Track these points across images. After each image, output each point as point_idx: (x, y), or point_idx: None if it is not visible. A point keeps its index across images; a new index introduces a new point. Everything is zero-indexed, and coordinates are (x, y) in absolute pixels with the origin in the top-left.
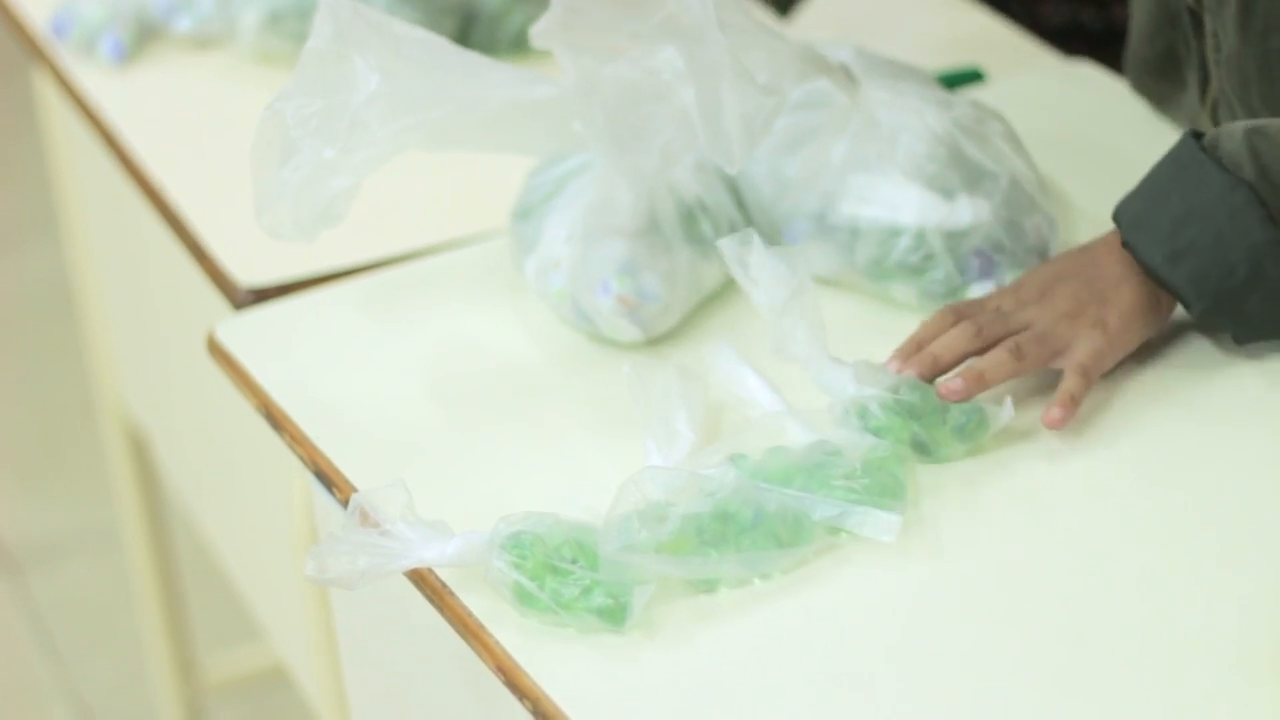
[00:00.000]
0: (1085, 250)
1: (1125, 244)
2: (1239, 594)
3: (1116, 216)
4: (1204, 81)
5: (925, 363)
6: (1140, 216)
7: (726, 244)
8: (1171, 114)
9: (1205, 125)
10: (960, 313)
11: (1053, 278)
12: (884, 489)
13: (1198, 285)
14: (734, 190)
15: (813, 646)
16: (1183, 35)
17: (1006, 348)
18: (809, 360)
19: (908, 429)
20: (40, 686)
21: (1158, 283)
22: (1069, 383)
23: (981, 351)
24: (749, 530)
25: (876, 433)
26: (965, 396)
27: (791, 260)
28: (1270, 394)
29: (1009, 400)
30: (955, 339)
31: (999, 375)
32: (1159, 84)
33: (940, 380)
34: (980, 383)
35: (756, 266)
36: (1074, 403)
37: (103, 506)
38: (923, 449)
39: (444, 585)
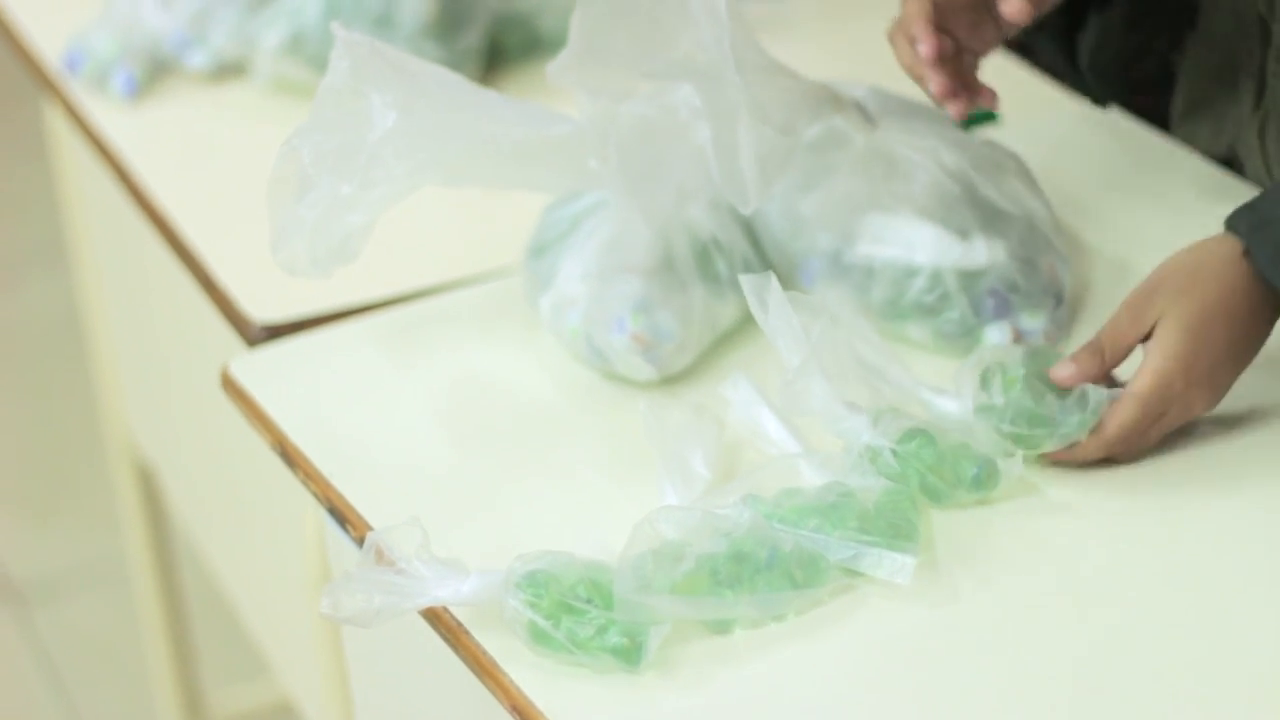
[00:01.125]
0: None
1: (1246, 252)
2: (1256, 640)
3: (1234, 225)
4: (1259, 93)
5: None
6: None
7: (747, 281)
8: (1202, 128)
9: (1249, 138)
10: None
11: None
12: (897, 531)
13: None
14: (749, 229)
15: (828, 688)
16: (1248, 44)
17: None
18: (821, 412)
19: (919, 476)
20: None
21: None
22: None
23: None
24: (764, 571)
25: (889, 479)
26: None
27: (812, 308)
28: None
29: (1020, 454)
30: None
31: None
32: (1208, 91)
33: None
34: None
35: (775, 313)
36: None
37: (110, 540)
38: (934, 495)
39: (459, 624)
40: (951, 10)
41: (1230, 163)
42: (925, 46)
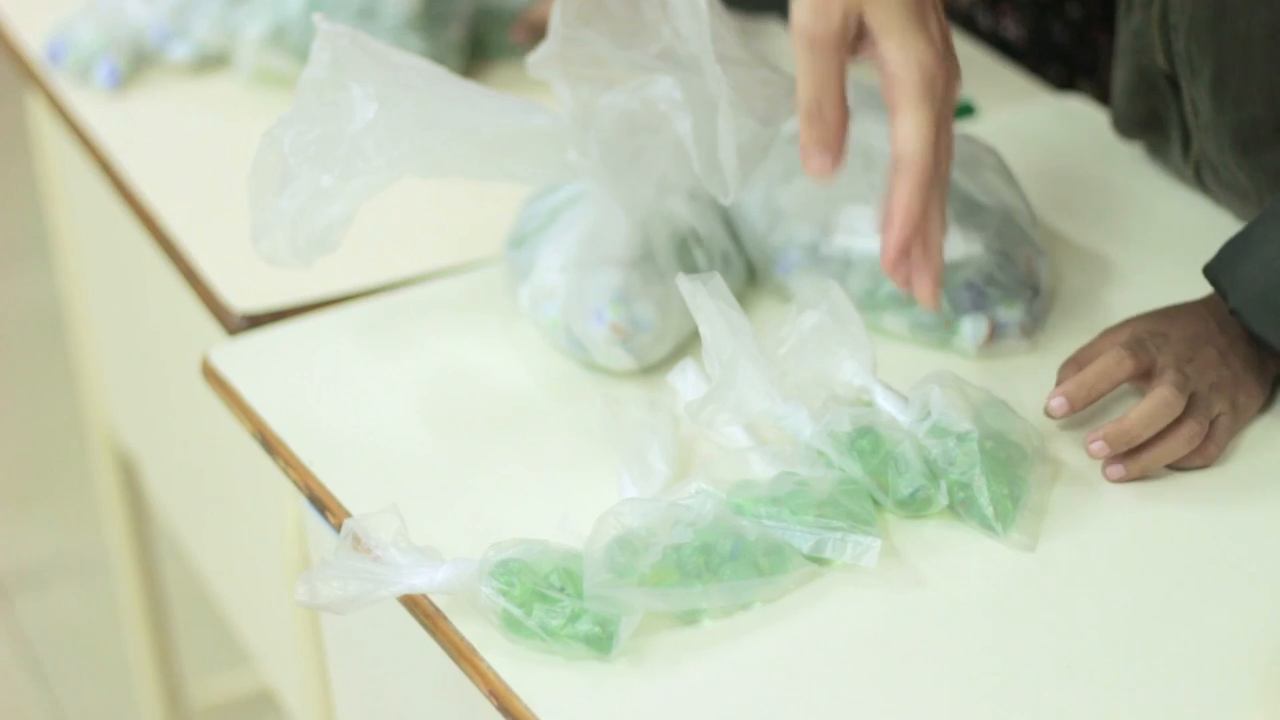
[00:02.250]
0: (1199, 313)
1: (1234, 312)
2: (1225, 622)
3: (1214, 278)
4: (1185, 140)
5: (1123, 442)
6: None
7: (684, 281)
8: (1162, 162)
9: (1187, 178)
10: (1141, 364)
11: (1194, 338)
12: (856, 517)
13: None
14: (727, 220)
15: (797, 675)
16: (1162, 98)
17: (1194, 433)
18: (760, 414)
19: (857, 476)
20: (27, 712)
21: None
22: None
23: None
24: (729, 561)
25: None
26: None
27: (735, 323)
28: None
29: (944, 485)
30: (1159, 416)
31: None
32: (1146, 136)
33: (1104, 467)
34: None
35: (704, 315)
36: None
37: (91, 531)
38: (871, 496)
39: (437, 610)
40: None
41: None
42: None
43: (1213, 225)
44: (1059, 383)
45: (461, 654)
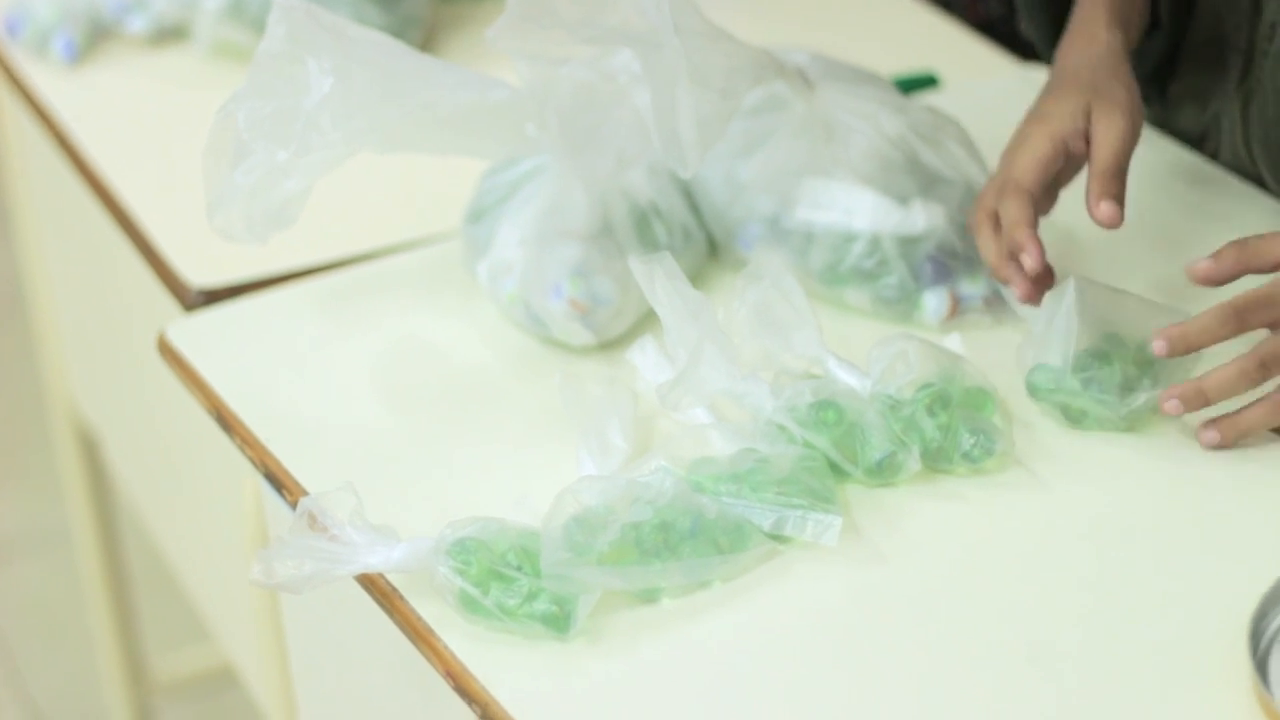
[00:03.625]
0: None
1: None
2: (1187, 599)
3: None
4: (1245, 69)
5: (1197, 403)
6: None
7: (636, 264)
8: (1184, 108)
9: (1232, 112)
10: (1245, 322)
11: None
12: (816, 494)
13: None
14: (688, 194)
15: (756, 653)
16: (1235, 19)
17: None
18: (720, 391)
19: (824, 449)
20: None
21: None
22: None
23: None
24: (688, 539)
25: (799, 446)
26: (1224, 446)
27: (694, 305)
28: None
29: (915, 449)
30: (1234, 385)
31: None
32: (1194, 68)
33: (1199, 429)
34: (1240, 433)
35: (662, 297)
36: (1240, 429)
37: (53, 507)
38: (835, 470)
39: (394, 589)
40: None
41: (1203, 140)
42: (1032, 260)
43: (1172, 196)
44: (1216, 258)
45: (418, 633)
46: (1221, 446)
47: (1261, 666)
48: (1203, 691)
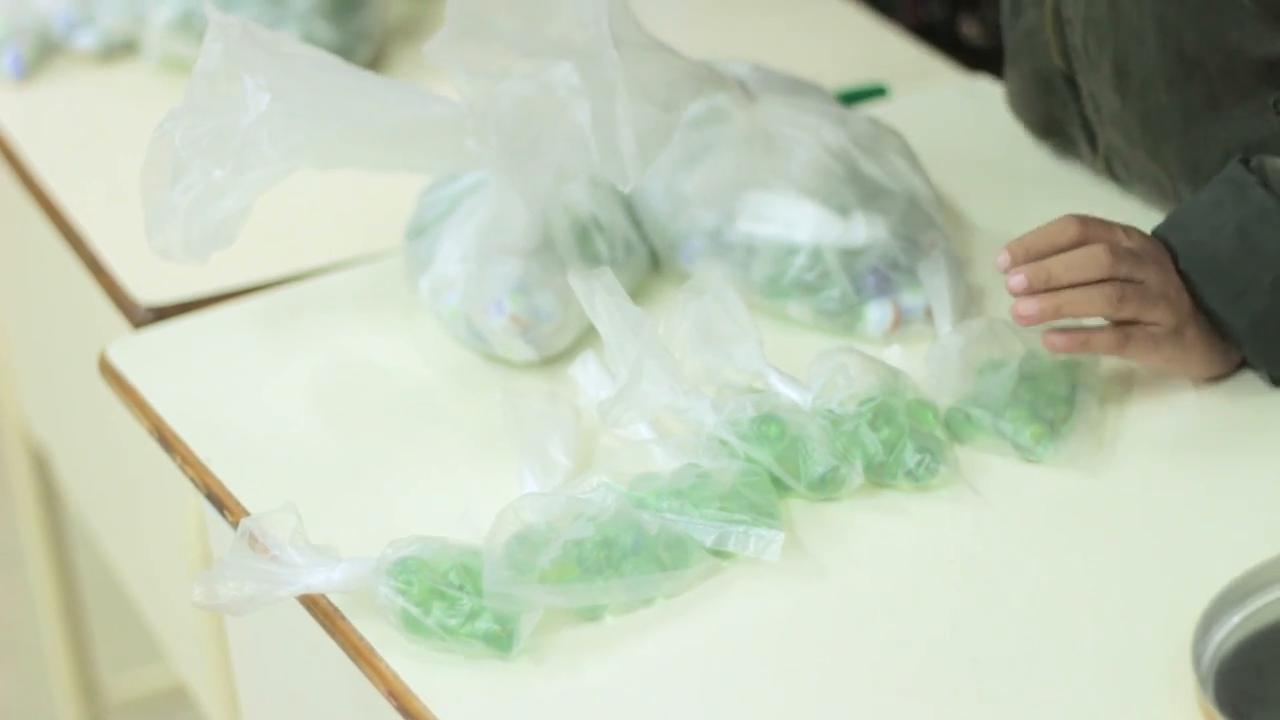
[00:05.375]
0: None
1: (1182, 274)
2: (1131, 613)
3: (1165, 238)
4: (1090, 138)
5: (1040, 277)
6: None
7: (576, 280)
8: (1073, 160)
9: (1100, 172)
10: (1089, 233)
11: (1160, 254)
12: (759, 509)
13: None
14: (629, 208)
15: (699, 670)
16: (1060, 99)
17: (1112, 294)
18: (663, 407)
19: (766, 463)
20: None
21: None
22: (1109, 334)
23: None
24: (631, 555)
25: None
26: (1066, 350)
27: (634, 320)
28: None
29: (859, 463)
30: (1083, 266)
31: (1091, 312)
32: (1049, 139)
33: (1045, 331)
34: (1085, 346)
35: (601, 319)
36: (1085, 338)
37: (5, 525)
38: (778, 485)
39: (335, 609)
40: None
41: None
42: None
43: (1120, 208)
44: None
45: (360, 654)
46: (1036, 318)
47: (1206, 681)
48: (1147, 706)
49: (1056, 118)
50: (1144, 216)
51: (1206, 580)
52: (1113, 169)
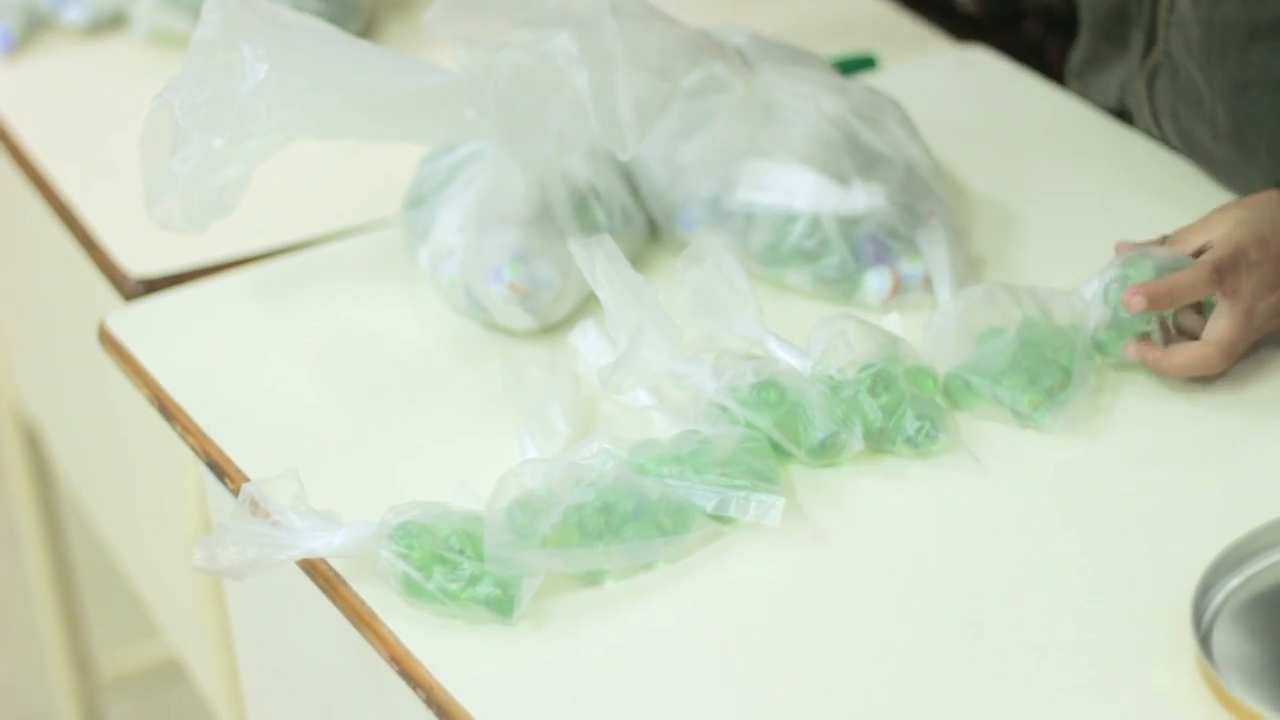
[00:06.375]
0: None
1: None
2: (1129, 576)
3: None
4: (1148, 44)
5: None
6: None
7: (578, 247)
8: (1104, 80)
9: (1137, 89)
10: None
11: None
12: (759, 475)
13: None
14: (627, 177)
15: (700, 634)
16: None
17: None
18: (663, 374)
19: (766, 429)
20: None
21: None
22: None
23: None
24: (631, 520)
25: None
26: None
27: (635, 287)
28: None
29: (858, 428)
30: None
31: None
32: (1099, 43)
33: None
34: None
35: (603, 280)
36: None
37: None
38: (777, 450)
39: (336, 575)
40: None
41: (1122, 115)
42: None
43: (1114, 176)
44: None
45: (361, 618)
46: (1140, 312)
47: (1205, 642)
48: (1147, 668)
49: (1125, 10)
50: (1146, 170)
51: (1205, 544)
52: (1154, 84)
